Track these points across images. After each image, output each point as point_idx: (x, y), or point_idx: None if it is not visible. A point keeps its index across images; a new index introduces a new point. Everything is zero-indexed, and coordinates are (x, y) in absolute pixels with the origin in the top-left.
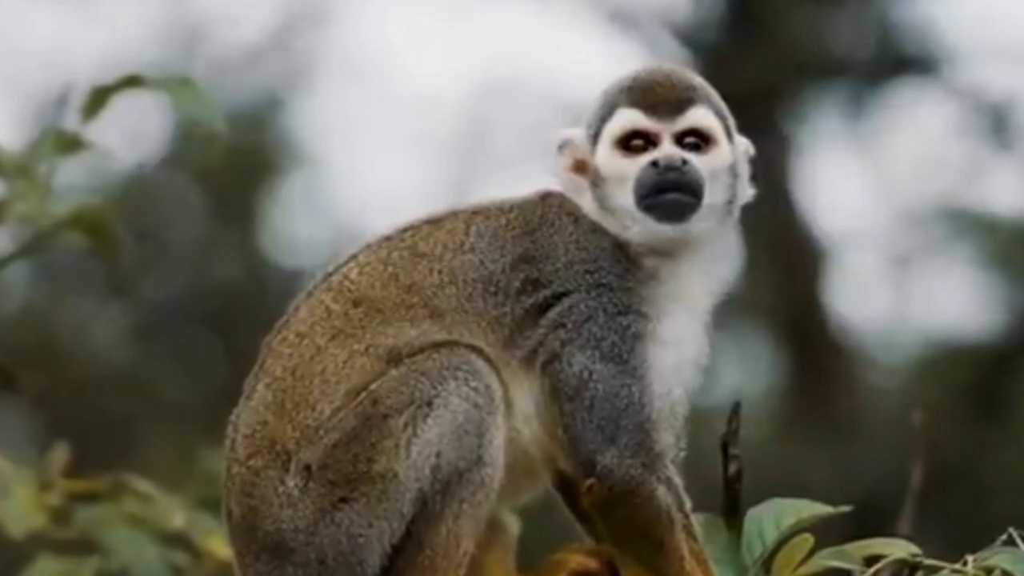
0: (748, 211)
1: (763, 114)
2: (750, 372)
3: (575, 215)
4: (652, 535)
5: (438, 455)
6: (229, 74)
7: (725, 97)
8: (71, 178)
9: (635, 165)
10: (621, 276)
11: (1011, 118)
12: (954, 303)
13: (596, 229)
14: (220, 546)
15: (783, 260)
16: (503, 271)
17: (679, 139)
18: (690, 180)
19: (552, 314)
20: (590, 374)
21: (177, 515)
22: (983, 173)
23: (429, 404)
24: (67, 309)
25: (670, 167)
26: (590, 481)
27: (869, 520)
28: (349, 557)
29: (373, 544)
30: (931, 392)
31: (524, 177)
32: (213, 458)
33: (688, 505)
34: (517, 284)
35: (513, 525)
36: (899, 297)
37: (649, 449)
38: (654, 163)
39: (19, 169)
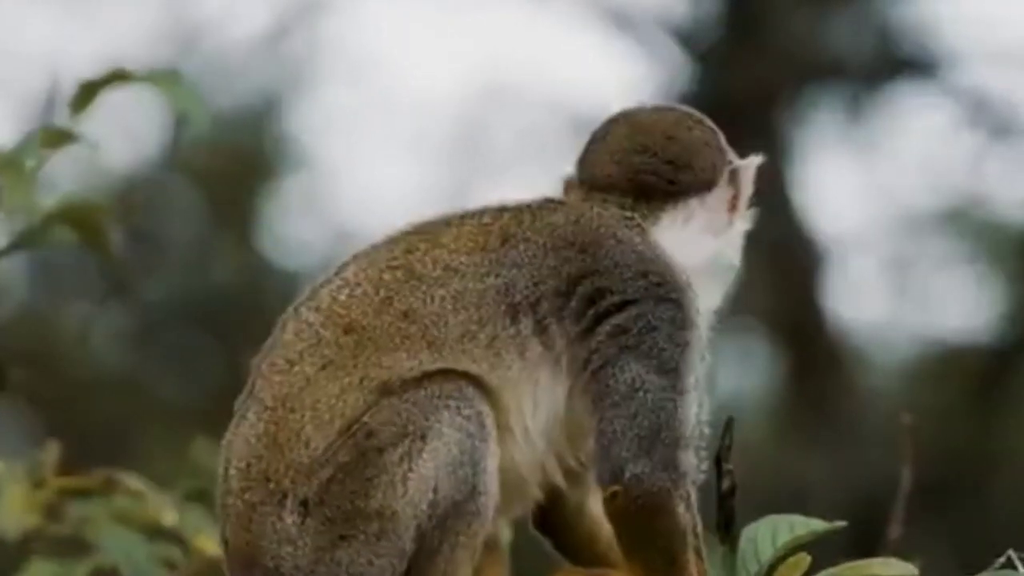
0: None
1: (761, 116)
2: (748, 374)
3: (639, 227)
4: (668, 550)
5: (435, 490)
6: (226, 76)
7: (723, 100)
8: (67, 181)
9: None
10: (684, 292)
11: (1009, 120)
12: (952, 305)
13: (658, 245)
14: (210, 544)
15: (781, 262)
16: (544, 296)
17: None
18: None
19: (616, 320)
20: (642, 383)
21: (168, 512)
22: (981, 175)
23: (423, 437)
24: (65, 311)
25: None
26: (615, 488)
27: (866, 523)
28: None
29: None
30: (929, 394)
31: (522, 179)
32: (205, 451)
33: (700, 526)
34: (574, 304)
35: (504, 535)
36: (897, 299)
37: (677, 466)
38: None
39: (6, 163)
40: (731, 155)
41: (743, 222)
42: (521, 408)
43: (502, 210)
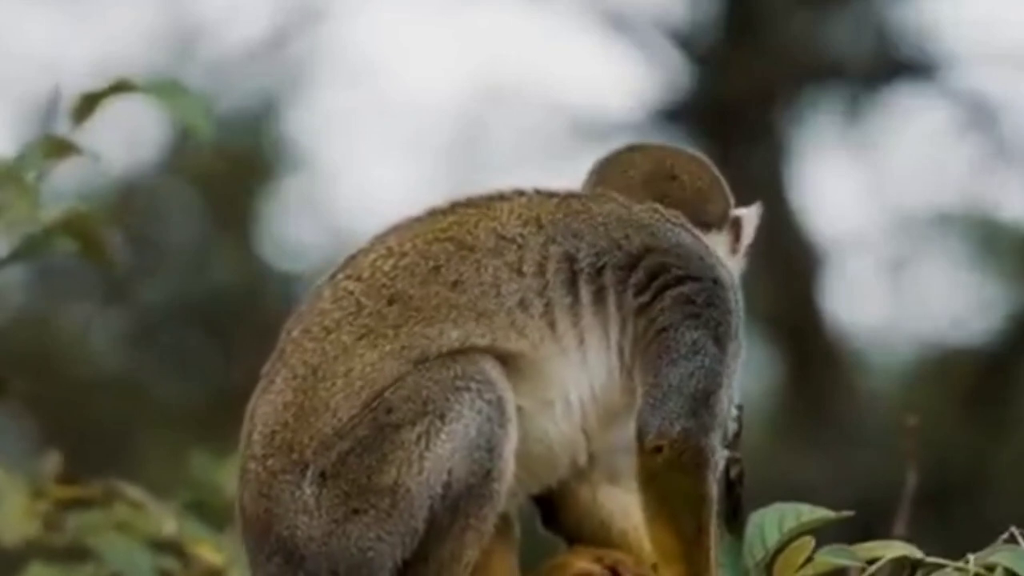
0: None
1: (759, 118)
2: (746, 376)
3: (684, 224)
4: (698, 515)
5: (450, 472)
6: (225, 78)
7: (721, 101)
8: (65, 184)
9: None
10: (730, 276)
11: (1008, 122)
12: (951, 308)
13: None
14: (209, 552)
15: (779, 264)
16: (607, 266)
17: None
18: None
19: (679, 290)
20: (702, 347)
21: (168, 522)
22: (980, 177)
23: (442, 417)
24: (64, 314)
25: None
26: (661, 442)
27: (866, 524)
28: (360, 570)
29: (384, 559)
30: (928, 397)
31: (521, 180)
32: (205, 464)
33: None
34: (637, 276)
35: (515, 525)
36: (896, 301)
37: (713, 437)
38: None
39: (7, 175)
40: (732, 202)
41: (740, 266)
42: (565, 380)
43: (550, 193)
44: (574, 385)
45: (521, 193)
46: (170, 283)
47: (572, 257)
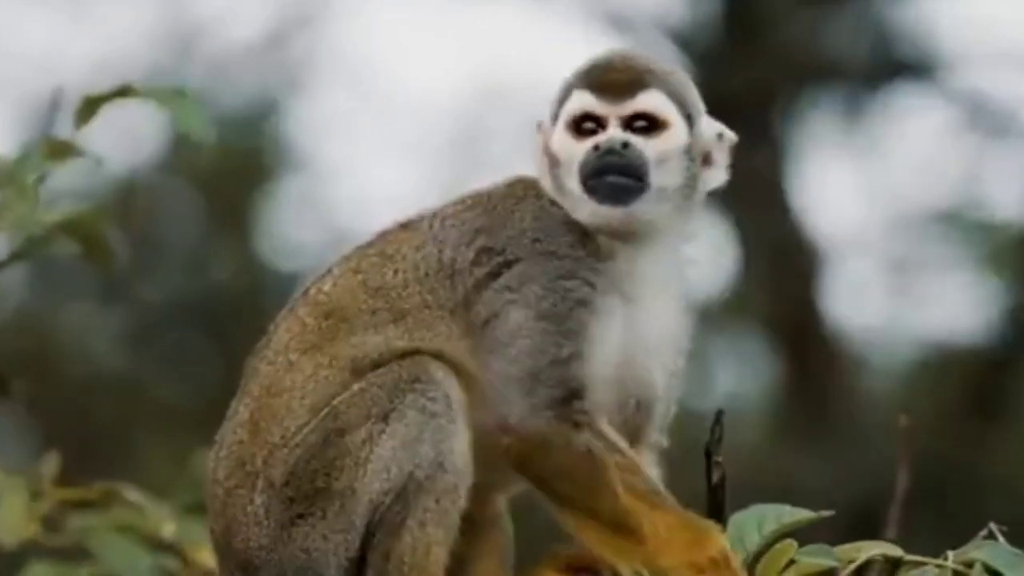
0: (745, 215)
1: (759, 118)
2: (746, 376)
3: (539, 192)
4: (577, 478)
5: (391, 468)
6: (224, 78)
7: (721, 101)
8: (65, 183)
9: (581, 148)
10: (571, 246)
11: (1007, 122)
12: (950, 307)
13: (555, 204)
14: (207, 556)
15: (779, 263)
16: (458, 248)
17: (628, 123)
18: (630, 163)
19: (502, 280)
20: (520, 329)
21: (167, 524)
22: (979, 177)
23: (385, 419)
24: (63, 313)
25: (609, 150)
26: (506, 437)
27: (864, 524)
28: (307, 572)
29: (328, 558)
30: (927, 396)
31: None
32: (204, 462)
33: (624, 445)
34: (472, 255)
35: (507, 528)
36: (895, 301)
37: (565, 403)
38: (596, 146)
39: (8, 178)
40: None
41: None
42: (479, 376)
43: (476, 189)
44: (492, 379)
45: (442, 213)
46: (170, 283)
47: (443, 252)
